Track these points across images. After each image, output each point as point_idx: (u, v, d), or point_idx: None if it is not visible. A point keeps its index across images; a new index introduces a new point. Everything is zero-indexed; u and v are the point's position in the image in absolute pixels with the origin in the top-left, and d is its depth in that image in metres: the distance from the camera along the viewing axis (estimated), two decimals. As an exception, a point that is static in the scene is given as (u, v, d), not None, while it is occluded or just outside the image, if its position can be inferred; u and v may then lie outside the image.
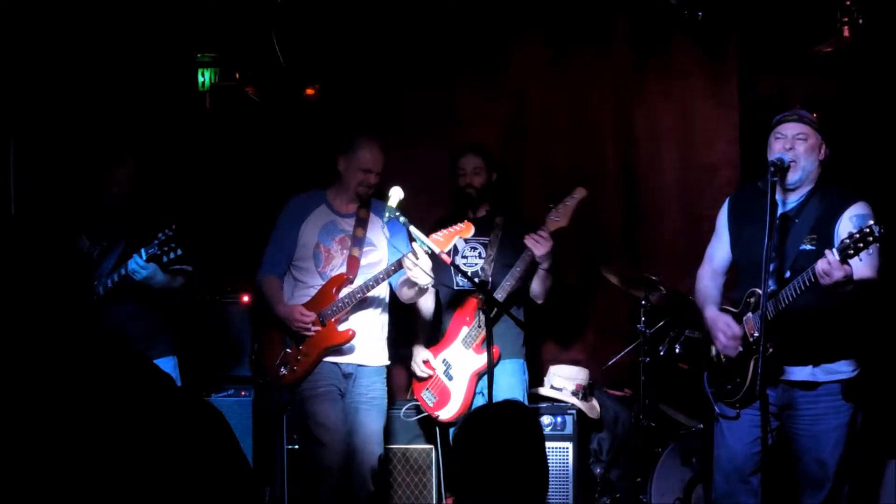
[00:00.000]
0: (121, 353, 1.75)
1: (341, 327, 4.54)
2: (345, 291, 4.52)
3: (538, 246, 4.48)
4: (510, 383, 4.66)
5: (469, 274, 4.60)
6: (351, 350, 4.58)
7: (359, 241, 4.60)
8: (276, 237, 4.69)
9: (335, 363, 4.57)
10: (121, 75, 5.28)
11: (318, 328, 4.50)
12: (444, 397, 4.74)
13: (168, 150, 5.39)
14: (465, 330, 4.74)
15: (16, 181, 5.04)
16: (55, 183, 5.07)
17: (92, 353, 1.72)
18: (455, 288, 4.78)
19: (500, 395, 4.39)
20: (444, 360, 4.79)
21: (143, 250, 4.20)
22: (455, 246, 4.79)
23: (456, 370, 4.73)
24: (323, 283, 4.58)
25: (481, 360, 4.61)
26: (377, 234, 4.65)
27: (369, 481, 4.56)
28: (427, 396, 4.82)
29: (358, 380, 4.60)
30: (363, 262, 4.60)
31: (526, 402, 4.75)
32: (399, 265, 4.37)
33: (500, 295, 4.60)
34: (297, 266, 4.65)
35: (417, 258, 4.30)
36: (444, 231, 4.35)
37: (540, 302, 4.79)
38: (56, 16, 5.08)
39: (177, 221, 4.27)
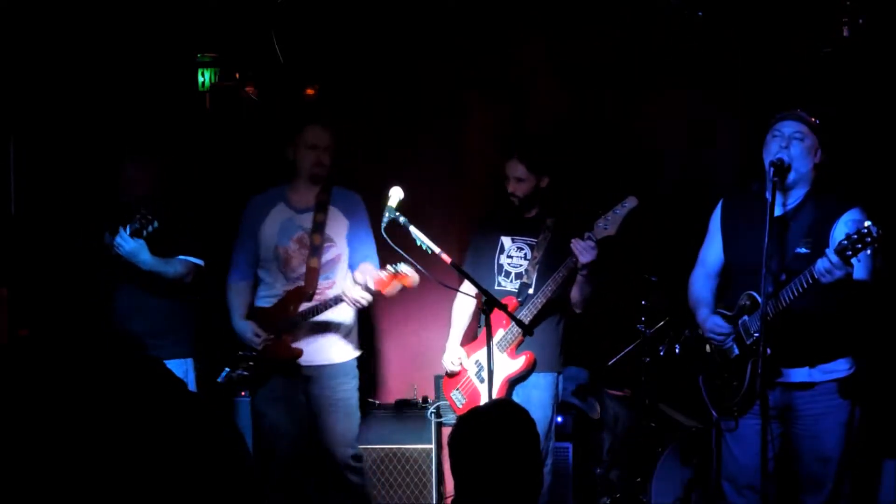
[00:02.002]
0: (123, 350, 1.75)
1: (294, 344, 4.49)
2: (303, 307, 4.48)
3: (584, 254, 4.26)
4: (541, 398, 4.46)
5: (514, 272, 4.54)
6: (314, 352, 4.52)
7: (316, 248, 4.52)
8: (241, 241, 4.65)
9: (296, 365, 4.52)
10: (121, 75, 5.28)
11: (272, 339, 4.49)
12: (473, 399, 4.56)
13: (169, 150, 5.39)
14: (500, 332, 4.51)
15: (16, 181, 5.04)
16: (55, 182, 5.08)
17: (93, 351, 1.72)
18: (496, 288, 4.56)
19: (531, 410, 4.28)
20: (476, 360, 4.60)
21: (128, 227, 4.31)
22: (501, 244, 4.65)
23: (487, 372, 4.58)
24: (286, 284, 4.53)
25: (516, 364, 4.46)
26: (335, 228, 4.57)
27: (350, 476, 4.52)
28: (456, 397, 4.64)
29: (322, 381, 4.52)
30: (322, 260, 4.54)
31: (553, 417, 4.56)
32: (341, 301, 4.39)
33: (539, 300, 4.43)
34: (262, 267, 4.62)
35: (357, 297, 4.32)
36: (389, 272, 4.27)
37: (578, 311, 4.58)
38: (56, 16, 5.08)
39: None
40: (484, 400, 4.50)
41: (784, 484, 3.94)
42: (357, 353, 4.65)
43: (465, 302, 4.78)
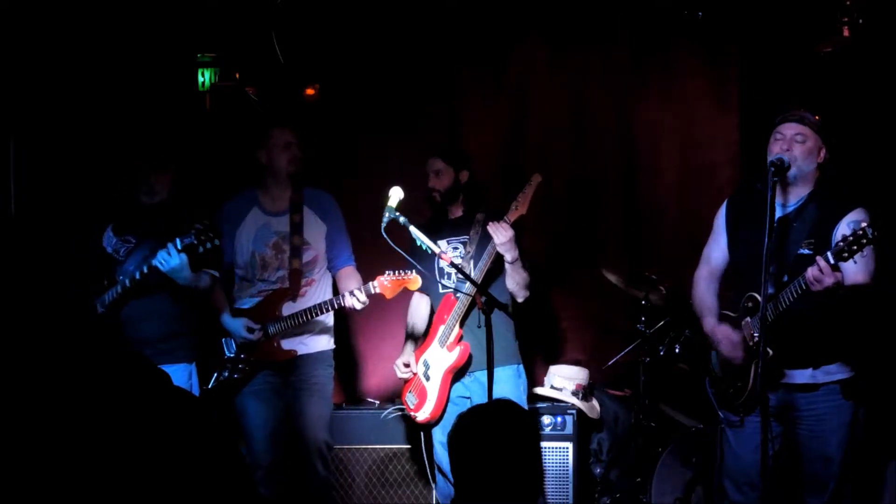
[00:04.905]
0: (117, 352, 1.76)
1: (286, 345, 4.58)
2: (288, 309, 4.56)
3: (497, 234, 4.39)
4: (502, 391, 4.52)
5: (454, 272, 4.56)
6: (294, 344, 4.60)
7: (296, 250, 4.61)
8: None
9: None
10: (121, 75, 5.28)
11: (262, 339, 4.54)
12: (422, 398, 4.69)
13: (168, 150, 5.39)
14: (441, 329, 4.66)
15: (16, 181, 5.04)
16: (55, 182, 5.08)
17: (87, 353, 1.72)
18: (440, 291, 4.70)
19: None
20: (424, 361, 4.73)
21: (177, 240, 4.23)
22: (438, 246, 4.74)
23: (432, 370, 4.66)
24: (263, 287, 4.62)
25: (452, 357, 4.58)
26: (312, 232, 4.65)
27: (318, 465, 4.58)
28: (409, 399, 4.77)
29: (300, 369, 4.60)
30: (303, 261, 4.62)
31: (524, 407, 4.66)
32: (339, 304, 4.46)
33: (468, 290, 4.51)
34: (238, 272, 4.69)
35: (359, 301, 4.42)
36: (392, 277, 4.39)
37: (519, 300, 4.67)
38: (56, 16, 5.08)
39: (207, 219, 4.34)
40: (430, 398, 4.67)
41: (787, 484, 3.94)
42: (332, 346, 4.75)
43: (418, 307, 4.91)
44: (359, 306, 4.47)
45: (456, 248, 4.74)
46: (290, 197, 4.67)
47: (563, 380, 5.34)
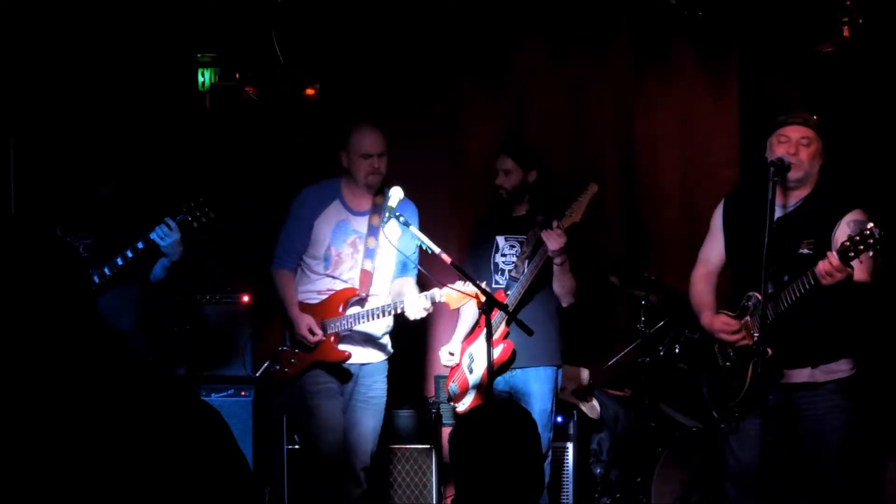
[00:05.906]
0: (120, 351, 1.76)
1: (341, 346, 4.47)
2: (352, 310, 4.46)
3: (550, 240, 4.46)
4: (540, 391, 4.61)
5: (508, 269, 4.64)
6: (354, 352, 4.52)
7: (370, 252, 4.50)
8: (290, 229, 4.58)
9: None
10: (121, 75, 5.28)
11: (320, 338, 4.45)
12: (463, 390, 4.74)
13: (168, 149, 5.40)
14: None
15: (16, 181, 5.04)
16: (55, 183, 5.08)
17: (90, 352, 1.72)
18: (493, 286, 4.67)
19: (531, 402, 4.53)
20: (469, 353, 4.76)
21: (167, 220, 4.17)
22: (496, 243, 4.78)
23: (476, 363, 4.71)
24: (331, 284, 4.51)
25: (495, 353, 4.49)
26: (389, 235, 4.51)
27: (362, 479, 4.52)
28: (452, 388, 4.80)
29: (360, 379, 4.55)
30: (374, 264, 4.54)
31: (553, 410, 4.71)
32: (401, 309, 4.35)
33: (517, 290, 4.58)
34: (308, 261, 4.57)
35: (423, 307, 4.31)
36: (457, 288, 4.25)
37: (565, 304, 4.72)
38: (56, 16, 5.08)
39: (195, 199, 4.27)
40: (471, 390, 4.71)
41: (787, 484, 3.94)
42: (390, 353, 4.68)
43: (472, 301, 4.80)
44: (422, 313, 4.35)
45: (513, 247, 4.76)
46: (374, 197, 4.55)
47: (564, 380, 5.33)
